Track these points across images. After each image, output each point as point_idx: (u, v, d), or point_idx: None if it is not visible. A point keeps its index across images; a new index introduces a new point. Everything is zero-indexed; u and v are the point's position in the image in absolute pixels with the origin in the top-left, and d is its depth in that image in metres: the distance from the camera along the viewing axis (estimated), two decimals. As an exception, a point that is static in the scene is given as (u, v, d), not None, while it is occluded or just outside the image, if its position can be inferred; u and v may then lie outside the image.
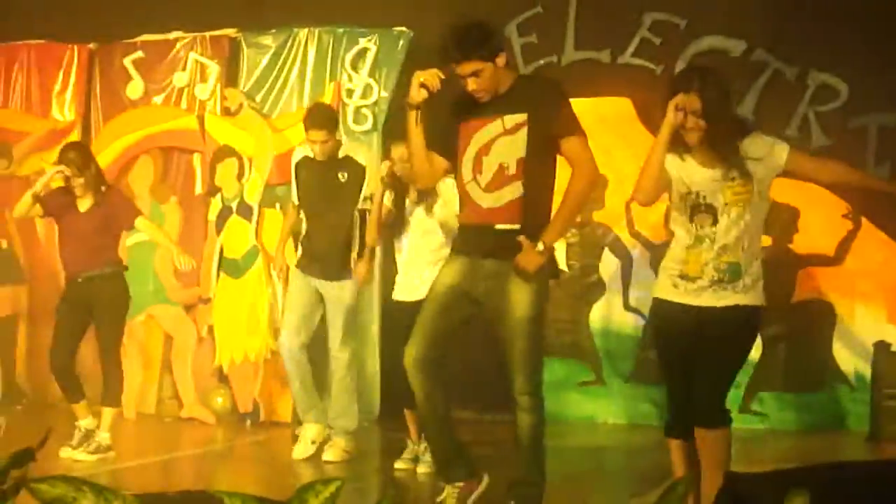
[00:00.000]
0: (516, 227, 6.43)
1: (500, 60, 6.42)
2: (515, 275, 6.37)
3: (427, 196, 8.17)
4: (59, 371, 9.32)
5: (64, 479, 3.19)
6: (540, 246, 6.34)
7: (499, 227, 6.49)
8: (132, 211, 9.78)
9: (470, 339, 7.52)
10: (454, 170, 6.88)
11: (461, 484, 6.78)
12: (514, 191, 6.46)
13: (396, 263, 8.70)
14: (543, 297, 6.56)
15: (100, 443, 9.07)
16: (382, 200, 8.43)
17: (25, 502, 3.16)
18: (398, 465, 8.65)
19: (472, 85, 6.38)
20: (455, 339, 6.75)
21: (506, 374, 6.58)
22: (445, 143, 6.73)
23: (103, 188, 9.36)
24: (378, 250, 9.39)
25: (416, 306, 7.44)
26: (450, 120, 6.69)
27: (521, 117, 6.43)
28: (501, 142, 6.47)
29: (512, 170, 6.45)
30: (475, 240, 6.62)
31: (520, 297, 6.38)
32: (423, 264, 7.98)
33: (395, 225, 8.46)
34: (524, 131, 6.43)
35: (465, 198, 6.68)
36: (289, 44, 12.06)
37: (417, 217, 8.33)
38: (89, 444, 9.04)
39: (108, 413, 9.27)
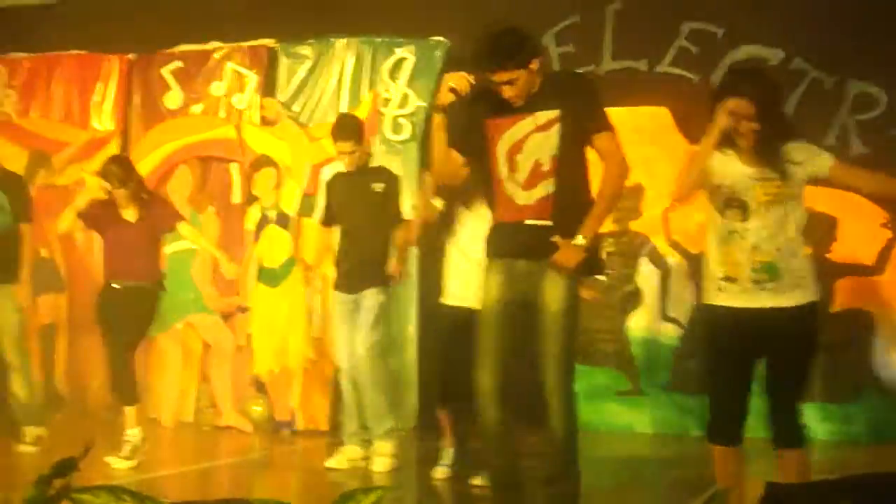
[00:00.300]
0: (548, 223, 6.40)
1: (534, 65, 6.38)
2: (552, 272, 6.35)
3: (477, 199, 8.08)
4: (118, 376, 9.40)
5: (106, 489, 3.22)
6: (580, 240, 6.31)
7: (532, 223, 6.45)
8: (175, 216, 9.93)
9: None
10: (477, 167, 6.85)
11: None
12: (546, 187, 6.43)
13: (443, 268, 8.64)
14: (577, 296, 6.52)
15: (134, 445, 9.12)
16: (429, 203, 8.41)
17: (69, 511, 3.21)
18: (437, 474, 8.62)
19: (507, 92, 6.34)
20: (519, 350, 6.67)
21: (534, 374, 6.52)
22: (466, 140, 6.71)
23: (145, 196, 9.40)
24: (415, 254, 9.35)
25: (466, 312, 7.59)
26: (474, 117, 6.62)
27: (554, 114, 6.39)
28: (534, 139, 6.42)
29: (546, 166, 6.41)
30: (508, 237, 6.57)
31: (554, 293, 6.36)
32: (473, 268, 7.89)
33: (444, 228, 8.41)
34: (557, 127, 6.40)
35: (499, 196, 6.60)
36: (326, 54, 12.13)
37: (468, 220, 8.28)
38: (122, 451, 9.04)
39: (130, 412, 9.29)
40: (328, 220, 9.35)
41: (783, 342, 6.14)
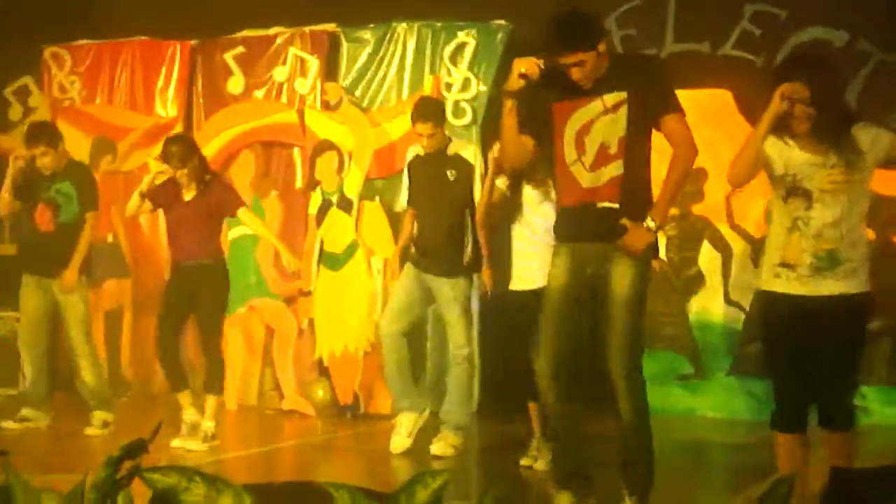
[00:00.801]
0: (616, 205, 6.42)
1: (602, 48, 6.42)
2: (620, 254, 6.36)
3: (544, 179, 8.08)
4: (164, 359, 9.49)
5: (176, 469, 3.27)
6: (650, 223, 6.35)
7: (600, 205, 6.47)
8: (236, 200, 9.88)
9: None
10: (545, 150, 6.89)
11: (574, 494, 6.69)
12: (614, 169, 6.43)
13: (510, 251, 8.65)
14: (646, 276, 6.54)
15: (206, 432, 9.23)
16: (494, 184, 8.44)
17: (139, 492, 3.25)
18: (524, 462, 8.66)
19: (576, 74, 6.36)
20: (582, 336, 6.69)
21: (603, 359, 6.53)
22: (535, 124, 6.71)
23: (207, 177, 9.47)
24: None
25: (532, 295, 7.60)
26: (541, 101, 6.63)
27: (622, 96, 6.41)
28: (602, 121, 6.43)
29: (613, 149, 6.42)
30: (577, 220, 6.58)
31: (623, 277, 6.37)
32: (541, 248, 7.87)
33: (509, 210, 8.43)
34: (624, 109, 6.41)
35: (565, 179, 6.62)
36: (388, 38, 12.17)
37: (533, 200, 8.29)
38: (196, 434, 9.18)
39: (211, 401, 9.41)
40: (410, 202, 9.38)
41: (837, 327, 6.14)
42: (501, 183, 8.37)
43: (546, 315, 6.63)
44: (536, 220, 8.16)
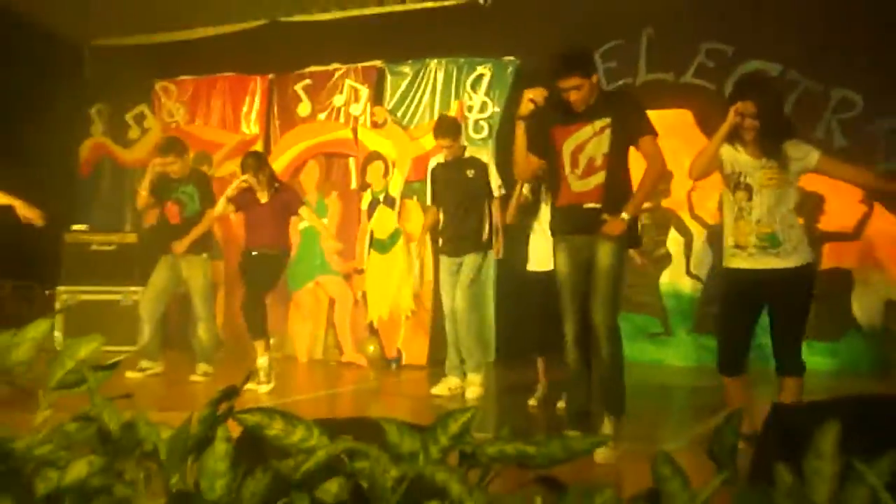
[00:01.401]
0: (598, 205, 6.61)
1: (595, 79, 6.66)
2: (602, 240, 6.54)
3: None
4: (248, 316, 9.65)
5: (260, 410, 3.28)
6: (623, 215, 6.52)
7: (586, 206, 6.66)
8: (299, 201, 10.14)
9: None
10: (547, 166, 7.07)
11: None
12: (598, 178, 6.63)
13: (527, 240, 8.69)
14: (623, 255, 6.70)
15: (264, 373, 9.40)
16: (521, 191, 8.47)
17: (232, 427, 3.28)
18: (532, 402, 8.68)
19: (573, 96, 6.56)
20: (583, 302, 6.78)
21: (590, 314, 6.66)
22: (539, 144, 6.85)
23: (276, 185, 9.59)
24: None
25: (544, 275, 7.73)
26: (544, 126, 6.78)
27: (606, 121, 6.61)
28: (592, 142, 6.64)
29: (598, 162, 6.63)
30: (568, 218, 6.79)
31: (604, 253, 6.55)
32: (552, 240, 7.93)
33: (529, 209, 8.45)
34: (608, 132, 6.61)
35: (561, 185, 6.81)
36: (422, 71, 12.22)
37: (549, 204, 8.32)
38: (254, 377, 9.28)
39: (262, 349, 9.55)
40: (433, 201, 9.36)
41: (785, 295, 6.34)
42: (526, 190, 8.40)
43: (563, 296, 6.82)
44: (546, 217, 8.19)
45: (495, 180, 9.19)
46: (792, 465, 3.16)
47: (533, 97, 6.64)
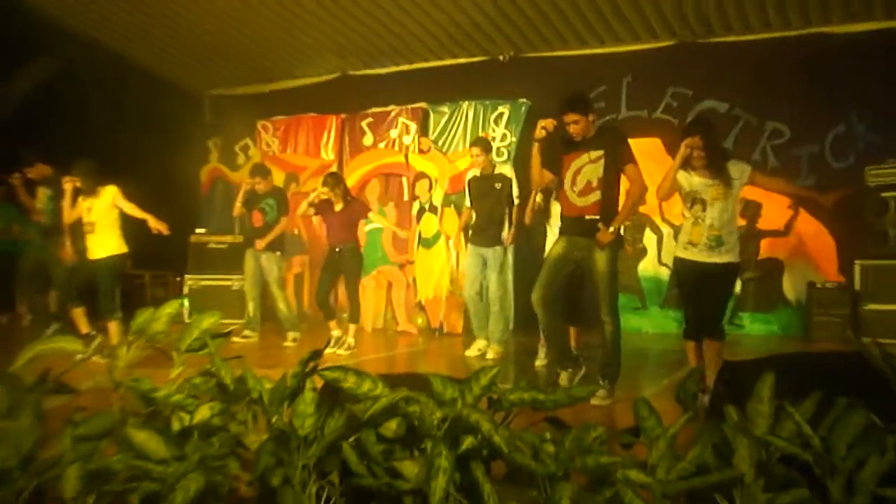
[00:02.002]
0: (596, 217, 6.58)
1: (591, 117, 6.64)
2: (597, 246, 6.51)
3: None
4: (321, 302, 9.63)
5: (338, 368, 3.29)
6: (611, 229, 6.50)
7: (587, 217, 6.63)
8: (366, 210, 10.12)
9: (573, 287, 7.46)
10: (556, 182, 7.11)
11: (570, 370, 6.94)
12: (595, 196, 6.60)
13: (544, 234, 8.65)
14: (616, 259, 6.62)
15: (349, 344, 9.42)
16: (535, 199, 8.46)
17: (317, 381, 3.27)
18: (537, 363, 8.65)
19: (573, 129, 6.57)
20: (561, 285, 6.78)
21: (595, 305, 6.67)
22: (552, 165, 6.89)
23: (349, 198, 9.62)
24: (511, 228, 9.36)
25: None
26: (556, 153, 6.83)
27: (600, 152, 6.58)
28: (588, 167, 6.62)
29: (594, 184, 6.59)
30: (572, 225, 6.74)
31: (602, 260, 6.51)
32: None
33: (543, 212, 8.44)
34: (602, 161, 6.59)
35: (565, 200, 6.80)
36: (457, 111, 12.20)
37: (557, 209, 8.29)
38: (341, 346, 9.35)
39: (352, 327, 9.61)
40: (470, 204, 9.34)
41: (717, 283, 6.39)
42: (539, 198, 8.39)
43: (543, 270, 6.78)
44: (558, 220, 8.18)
45: (515, 191, 9.17)
46: (738, 406, 3.16)
47: (545, 125, 6.64)
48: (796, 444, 3.01)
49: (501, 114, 11.89)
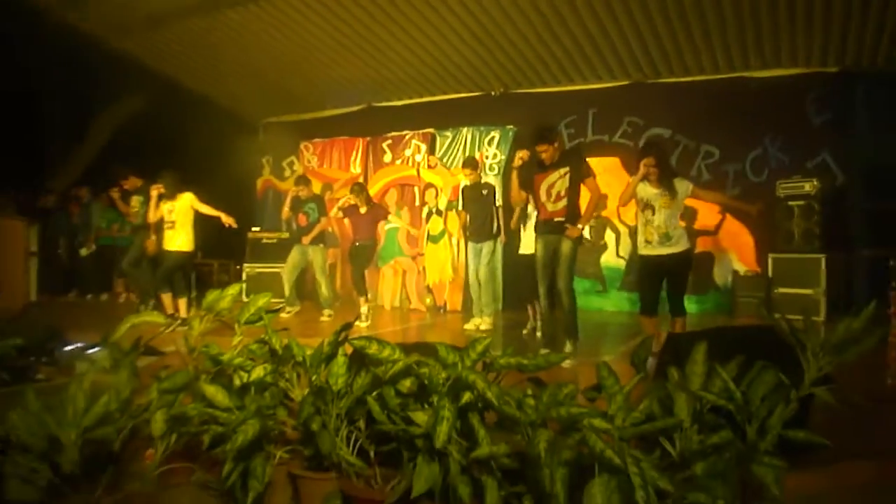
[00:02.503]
0: (563, 219, 6.63)
1: (557, 144, 6.67)
2: (564, 238, 6.54)
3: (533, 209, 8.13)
4: (356, 282, 9.64)
5: (364, 337, 3.28)
6: (578, 227, 6.57)
7: (555, 220, 6.67)
8: (385, 213, 10.17)
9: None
10: (531, 197, 7.12)
11: (572, 340, 6.79)
12: (563, 203, 6.65)
13: (520, 235, 8.64)
14: (576, 247, 6.61)
15: (365, 314, 9.47)
16: (518, 211, 8.48)
17: (348, 348, 3.26)
18: (525, 330, 8.68)
19: (544, 156, 6.62)
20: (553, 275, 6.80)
21: (555, 284, 6.68)
22: (526, 185, 6.92)
23: (371, 204, 9.66)
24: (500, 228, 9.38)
25: (529, 256, 7.58)
26: (529, 173, 6.84)
27: (566, 169, 6.63)
28: (557, 182, 6.66)
29: (563, 194, 6.64)
30: (545, 225, 6.75)
31: (566, 247, 6.54)
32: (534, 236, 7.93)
33: (523, 219, 8.45)
34: (567, 176, 6.63)
35: (542, 208, 6.80)
36: (458, 135, 12.17)
37: (531, 217, 8.27)
38: (362, 320, 9.33)
39: (362, 300, 9.59)
40: (463, 207, 9.33)
41: (675, 268, 6.34)
42: (518, 210, 8.41)
43: (538, 270, 6.82)
44: (532, 224, 8.17)
45: (499, 198, 9.21)
46: (678, 368, 3.17)
47: (521, 156, 6.82)
48: (723, 397, 3.04)
49: (493, 137, 11.86)
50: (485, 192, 9.18)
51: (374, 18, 10.15)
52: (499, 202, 9.29)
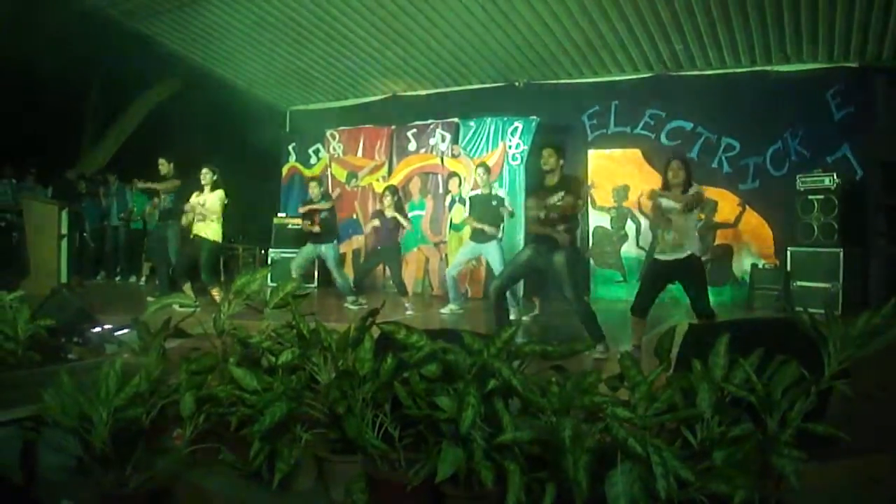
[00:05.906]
0: (555, 235, 6.63)
1: (561, 163, 6.72)
2: (557, 249, 6.50)
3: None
4: (397, 285, 9.74)
5: (391, 322, 3.28)
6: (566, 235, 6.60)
7: (547, 231, 6.65)
8: (406, 217, 10.07)
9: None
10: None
11: (603, 342, 6.61)
12: (557, 218, 6.64)
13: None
14: (572, 257, 6.56)
15: (406, 307, 9.41)
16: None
17: (374, 332, 3.26)
18: (511, 314, 8.69)
19: (545, 167, 6.71)
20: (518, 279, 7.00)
21: (559, 291, 6.62)
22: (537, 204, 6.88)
23: (400, 211, 9.79)
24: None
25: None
26: (540, 198, 6.73)
27: (563, 192, 6.59)
28: (556, 204, 6.57)
29: (559, 210, 6.60)
30: (538, 237, 6.74)
31: (560, 259, 6.48)
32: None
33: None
34: (565, 199, 6.57)
35: (538, 220, 6.76)
36: (481, 124, 12.07)
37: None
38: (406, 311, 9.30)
39: (404, 298, 9.61)
40: (471, 214, 9.36)
41: (683, 273, 6.27)
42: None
43: (509, 265, 6.97)
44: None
45: (508, 206, 9.23)
46: (702, 359, 3.15)
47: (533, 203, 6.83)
48: (745, 389, 3.02)
49: (517, 127, 11.77)
50: (495, 202, 9.18)
51: (403, 10, 10.16)
52: (509, 208, 9.29)
